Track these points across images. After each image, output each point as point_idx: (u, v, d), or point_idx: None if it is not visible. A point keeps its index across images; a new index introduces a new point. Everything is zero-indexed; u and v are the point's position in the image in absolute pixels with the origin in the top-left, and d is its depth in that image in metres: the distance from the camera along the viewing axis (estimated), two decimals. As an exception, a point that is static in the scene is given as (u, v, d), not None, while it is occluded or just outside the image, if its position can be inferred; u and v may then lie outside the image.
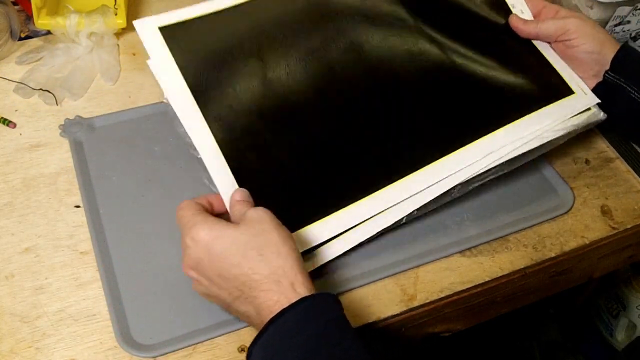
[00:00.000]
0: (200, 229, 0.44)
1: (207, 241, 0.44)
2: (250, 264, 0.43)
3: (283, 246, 0.44)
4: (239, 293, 0.43)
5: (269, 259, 0.43)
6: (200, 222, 0.44)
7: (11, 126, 0.62)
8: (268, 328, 0.41)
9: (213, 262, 0.43)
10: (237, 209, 0.47)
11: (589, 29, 0.59)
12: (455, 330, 0.60)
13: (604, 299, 1.13)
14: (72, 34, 0.68)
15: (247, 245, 0.43)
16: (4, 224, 0.55)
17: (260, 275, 0.42)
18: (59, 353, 0.47)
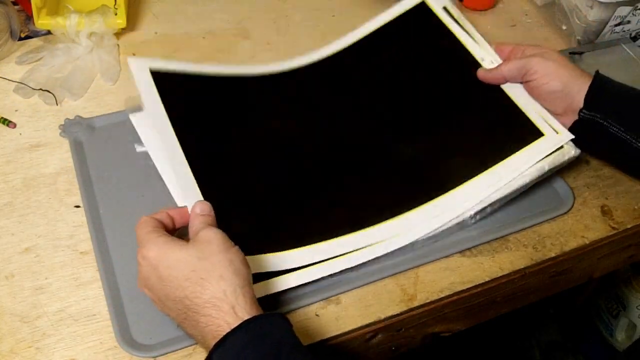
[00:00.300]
0: (149, 249, 0.44)
1: (154, 261, 0.43)
2: (192, 287, 0.42)
3: (227, 269, 0.43)
4: (184, 316, 0.43)
5: (211, 283, 0.42)
6: (151, 240, 0.44)
7: (11, 126, 0.62)
8: (212, 356, 0.40)
9: (160, 283, 0.43)
10: (195, 223, 0.47)
11: (551, 67, 0.58)
12: (455, 330, 0.60)
13: (604, 299, 1.13)
14: (72, 34, 0.68)
15: (191, 267, 0.43)
16: (4, 224, 0.55)
17: (200, 299, 0.42)
18: (59, 353, 0.47)
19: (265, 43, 0.74)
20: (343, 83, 0.66)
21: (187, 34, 0.75)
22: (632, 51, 0.73)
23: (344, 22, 0.78)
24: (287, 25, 0.78)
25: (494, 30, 0.80)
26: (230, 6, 0.79)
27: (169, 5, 0.78)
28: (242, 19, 0.78)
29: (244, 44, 0.74)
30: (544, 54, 0.60)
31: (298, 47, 0.74)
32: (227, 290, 0.42)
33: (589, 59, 0.72)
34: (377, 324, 0.52)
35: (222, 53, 0.72)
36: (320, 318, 0.51)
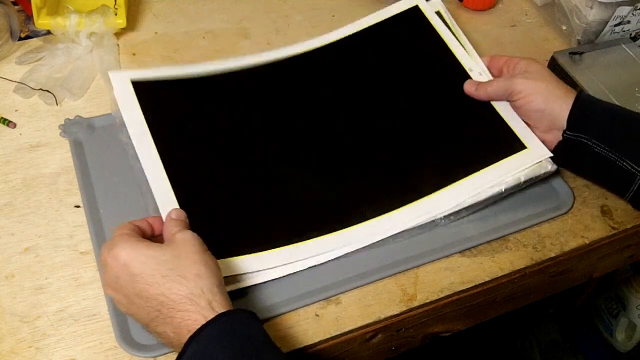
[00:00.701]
0: (121, 248, 0.44)
1: (126, 260, 0.44)
2: (169, 284, 0.42)
3: (204, 267, 0.44)
4: (156, 313, 0.43)
5: (188, 280, 0.43)
6: (122, 241, 0.44)
7: (11, 126, 0.62)
8: (188, 347, 0.40)
9: (132, 280, 0.43)
10: (169, 227, 0.48)
11: (534, 87, 0.59)
12: (455, 330, 0.60)
13: (604, 299, 1.13)
14: (72, 34, 0.68)
15: (167, 265, 0.43)
16: (4, 224, 0.55)
17: (177, 295, 0.42)
18: (59, 353, 0.47)
19: (265, 43, 0.74)
20: (325, 79, 0.66)
21: (187, 34, 0.75)
22: (632, 51, 0.73)
23: (344, 22, 0.78)
24: (287, 25, 0.78)
25: (494, 30, 0.80)
26: (230, 6, 0.79)
27: (169, 5, 0.78)
28: (242, 19, 0.78)
29: (244, 44, 0.74)
30: (529, 73, 0.60)
31: (298, 47, 0.74)
32: (205, 287, 0.43)
33: (589, 59, 0.72)
34: (377, 324, 0.52)
35: (222, 53, 0.72)
36: (320, 318, 0.51)
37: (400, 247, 0.55)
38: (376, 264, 0.54)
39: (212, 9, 0.79)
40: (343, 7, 0.81)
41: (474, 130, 0.62)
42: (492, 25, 0.81)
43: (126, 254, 0.44)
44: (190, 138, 0.59)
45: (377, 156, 0.60)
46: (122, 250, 0.44)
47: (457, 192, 0.57)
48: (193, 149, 0.58)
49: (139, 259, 0.43)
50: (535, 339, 1.15)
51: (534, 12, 0.83)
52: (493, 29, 0.80)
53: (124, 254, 0.44)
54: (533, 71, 0.60)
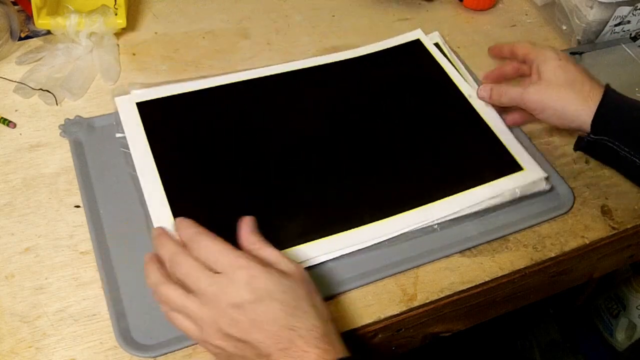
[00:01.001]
0: (253, 269, 0.42)
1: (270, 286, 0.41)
2: (297, 316, 0.41)
3: (322, 305, 0.43)
4: (283, 345, 0.40)
5: (310, 315, 0.42)
6: (252, 262, 0.42)
7: (11, 126, 0.62)
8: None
9: (270, 305, 0.41)
10: (275, 253, 0.46)
11: (545, 103, 0.58)
12: (455, 330, 0.60)
13: (604, 299, 1.13)
14: (72, 34, 0.68)
15: (292, 296, 0.42)
16: (4, 224, 0.55)
17: (305, 330, 0.41)
18: (59, 353, 0.47)
19: (265, 43, 0.75)
20: (329, 95, 0.68)
21: (187, 34, 0.75)
22: (632, 51, 0.73)
23: (344, 22, 0.79)
24: (287, 25, 0.78)
25: (494, 30, 0.80)
26: (230, 6, 0.79)
27: (169, 5, 0.78)
28: (242, 19, 0.78)
29: (244, 44, 0.74)
30: (542, 79, 0.59)
31: (298, 47, 0.74)
32: (323, 326, 0.42)
33: (589, 59, 0.72)
34: (377, 324, 0.52)
35: (222, 53, 0.73)
36: (320, 318, 0.51)
37: (400, 247, 0.55)
38: (376, 264, 0.54)
39: (212, 9, 0.79)
40: (343, 7, 0.81)
41: (472, 152, 0.63)
42: (492, 25, 0.81)
43: (266, 277, 0.42)
44: (192, 154, 0.60)
45: (377, 168, 0.61)
46: (262, 273, 0.42)
47: (454, 202, 0.58)
48: (194, 167, 0.59)
49: (281, 287, 0.42)
50: (535, 339, 1.15)
51: (534, 12, 0.83)
52: (493, 29, 0.80)
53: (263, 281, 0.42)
54: (547, 72, 0.59)
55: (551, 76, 0.58)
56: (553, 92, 0.58)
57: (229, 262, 0.42)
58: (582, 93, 0.57)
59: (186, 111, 0.64)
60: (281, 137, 0.63)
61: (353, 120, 0.65)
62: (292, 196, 0.58)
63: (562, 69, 0.58)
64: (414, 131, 0.65)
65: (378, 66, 0.72)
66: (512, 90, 0.61)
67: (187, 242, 0.45)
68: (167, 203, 0.55)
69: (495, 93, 0.63)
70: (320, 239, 0.54)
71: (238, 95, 0.66)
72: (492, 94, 0.63)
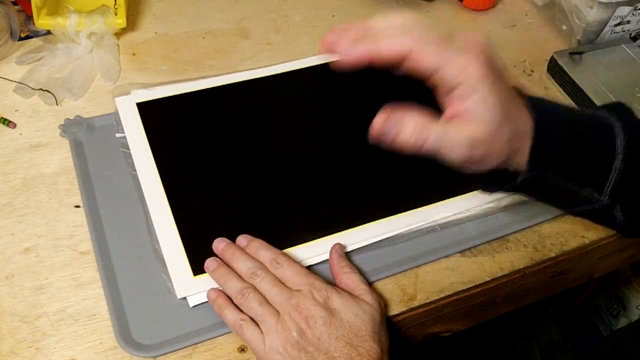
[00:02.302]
0: (335, 294, 0.46)
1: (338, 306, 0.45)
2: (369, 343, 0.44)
3: (386, 338, 0.46)
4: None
5: (381, 341, 0.45)
6: (336, 290, 0.47)
7: (11, 126, 0.62)
8: None
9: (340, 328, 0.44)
10: (355, 277, 0.50)
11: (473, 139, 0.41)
12: (455, 330, 0.60)
13: (604, 299, 1.13)
14: (72, 34, 0.68)
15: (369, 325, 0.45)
16: (4, 224, 0.55)
17: (374, 353, 0.43)
18: (59, 353, 0.47)
19: (265, 43, 0.75)
20: (329, 94, 0.68)
21: (187, 34, 0.75)
22: (632, 51, 0.73)
23: (343, 22, 0.78)
24: (287, 25, 0.78)
25: (494, 30, 0.80)
26: (230, 6, 0.79)
27: (169, 5, 0.78)
28: (242, 19, 0.78)
29: (244, 44, 0.74)
30: (463, 108, 0.41)
31: (298, 47, 0.74)
32: (384, 349, 0.45)
33: (589, 59, 0.72)
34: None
35: (222, 53, 0.73)
36: (320, 318, 0.51)
37: (400, 247, 0.55)
38: (376, 264, 0.54)
39: (212, 9, 0.79)
40: (343, 7, 0.81)
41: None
42: (492, 25, 0.81)
43: (339, 299, 0.46)
44: (192, 154, 0.60)
45: (378, 168, 0.61)
46: (335, 295, 0.46)
47: (454, 205, 0.58)
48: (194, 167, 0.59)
49: (353, 310, 0.45)
50: (535, 339, 1.15)
51: (534, 12, 0.83)
52: (493, 29, 0.80)
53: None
54: (474, 104, 0.40)
55: (473, 87, 0.40)
56: (481, 125, 0.41)
57: (308, 283, 0.46)
58: (508, 117, 0.42)
59: (186, 111, 0.64)
60: (281, 137, 0.63)
61: (354, 120, 0.65)
62: (292, 195, 0.58)
63: (483, 78, 0.40)
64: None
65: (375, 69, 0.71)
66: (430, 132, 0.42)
67: (271, 262, 0.48)
68: (167, 203, 0.55)
69: (397, 138, 0.42)
70: (320, 238, 0.54)
71: (238, 95, 0.66)
72: (390, 138, 0.43)
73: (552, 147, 0.45)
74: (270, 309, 0.45)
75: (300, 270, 0.47)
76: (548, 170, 0.45)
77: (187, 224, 0.54)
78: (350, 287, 0.48)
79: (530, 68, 0.75)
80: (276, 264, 0.48)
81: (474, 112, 0.41)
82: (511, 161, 0.44)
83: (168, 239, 0.53)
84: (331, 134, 0.64)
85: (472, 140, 0.41)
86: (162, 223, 0.54)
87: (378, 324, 0.46)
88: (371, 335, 0.44)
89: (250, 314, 0.46)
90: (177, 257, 0.52)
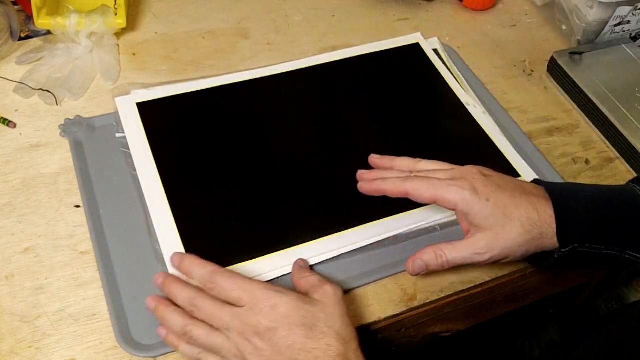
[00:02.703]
0: (280, 298, 0.44)
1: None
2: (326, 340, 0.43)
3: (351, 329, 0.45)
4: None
5: (339, 332, 0.44)
6: (278, 291, 0.45)
7: (11, 126, 0.62)
8: None
9: (290, 333, 0.43)
10: (309, 278, 0.48)
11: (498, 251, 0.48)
12: (455, 330, 0.60)
13: (604, 299, 1.12)
14: (72, 34, 0.68)
15: (324, 321, 0.44)
16: (4, 224, 0.55)
17: (332, 350, 0.42)
18: (59, 353, 0.47)
19: (265, 43, 0.75)
20: (323, 94, 0.68)
21: (187, 34, 0.75)
22: (632, 51, 0.73)
23: (344, 22, 0.79)
24: (287, 25, 0.78)
25: (494, 30, 0.80)
26: (230, 6, 0.79)
27: (169, 5, 0.78)
28: (242, 19, 0.78)
29: (244, 44, 0.74)
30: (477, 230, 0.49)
31: (298, 47, 0.74)
32: (346, 340, 0.44)
33: (589, 59, 0.72)
34: (377, 324, 0.52)
35: (222, 53, 0.73)
36: (320, 318, 0.51)
37: (400, 247, 0.55)
38: (376, 264, 0.54)
39: (212, 9, 0.79)
40: (343, 7, 0.81)
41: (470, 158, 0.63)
42: (492, 25, 0.81)
43: (286, 304, 0.44)
44: (192, 154, 0.60)
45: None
46: (282, 300, 0.44)
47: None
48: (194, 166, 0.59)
49: (300, 311, 0.44)
50: (535, 339, 1.15)
51: (534, 12, 0.83)
52: (493, 29, 0.80)
53: (284, 304, 0.44)
54: (477, 219, 0.48)
55: (482, 222, 0.48)
56: (499, 239, 0.48)
57: (249, 296, 0.44)
58: (528, 213, 0.48)
59: (186, 111, 0.64)
60: (281, 136, 0.63)
61: (352, 121, 0.65)
62: (291, 195, 0.58)
63: (490, 206, 0.48)
64: (413, 134, 0.65)
65: (377, 66, 0.72)
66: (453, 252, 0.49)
67: (205, 284, 0.46)
68: (167, 203, 0.55)
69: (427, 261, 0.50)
70: (321, 238, 0.54)
71: (238, 95, 0.66)
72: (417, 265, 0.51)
73: (577, 222, 0.48)
74: (219, 335, 0.44)
75: (239, 284, 0.45)
76: (582, 242, 0.47)
77: (187, 223, 0.54)
78: (306, 289, 0.47)
79: (530, 68, 0.75)
80: (211, 285, 0.45)
81: (473, 226, 0.49)
82: (542, 247, 0.48)
83: (168, 238, 0.53)
84: (331, 133, 0.64)
85: (478, 249, 0.48)
86: (162, 223, 0.54)
87: (336, 317, 0.44)
88: (325, 332, 0.43)
89: (202, 348, 0.45)
90: None
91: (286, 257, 0.53)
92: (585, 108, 0.69)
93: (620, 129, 0.65)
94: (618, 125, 0.65)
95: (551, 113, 0.70)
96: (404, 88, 0.70)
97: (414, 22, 0.79)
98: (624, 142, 0.65)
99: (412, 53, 0.74)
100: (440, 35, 0.77)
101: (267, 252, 0.53)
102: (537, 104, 0.71)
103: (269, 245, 0.53)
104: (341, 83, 0.69)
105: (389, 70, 0.71)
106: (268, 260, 0.52)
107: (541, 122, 0.69)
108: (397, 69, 0.72)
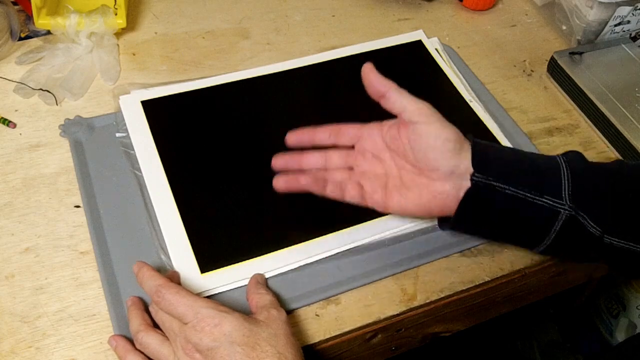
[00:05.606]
0: (224, 318, 0.44)
1: (228, 330, 0.43)
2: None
3: (298, 351, 0.44)
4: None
5: (281, 352, 0.43)
6: (225, 312, 0.44)
7: (11, 126, 0.62)
8: None
9: (232, 352, 0.42)
10: (260, 297, 0.48)
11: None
12: (455, 330, 0.60)
13: (604, 299, 1.13)
14: (72, 34, 0.68)
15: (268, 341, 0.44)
16: (4, 224, 0.55)
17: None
18: (59, 353, 0.47)
19: (265, 43, 0.75)
20: (325, 92, 0.68)
21: (187, 34, 0.75)
22: (632, 51, 0.73)
23: (344, 22, 0.79)
24: (287, 25, 0.78)
25: (494, 30, 0.80)
26: (230, 6, 0.79)
27: (169, 5, 0.78)
28: (242, 19, 0.78)
29: (244, 44, 0.74)
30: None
31: (298, 47, 0.74)
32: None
33: (589, 59, 0.72)
34: (377, 324, 0.52)
35: (222, 53, 0.73)
36: (320, 318, 0.51)
37: (400, 247, 0.55)
38: (376, 264, 0.54)
39: (212, 9, 0.79)
40: (343, 7, 0.81)
41: None
42: (492, 25, 0.81)
43: (229, 323, 0.43)
44: (196, 151, 0.60)
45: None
46: (225, 319, 0.43)
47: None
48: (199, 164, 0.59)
49: (243, 331, 0.43)
50: (535, 339, 1.15)
51: (534, 12, 0.83)
52: (493, 29, 0.80)
53: (228, 323, 0.43)
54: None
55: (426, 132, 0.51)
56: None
57: (193, 313, 0.44)
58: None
59: (190, 109, 0.64)
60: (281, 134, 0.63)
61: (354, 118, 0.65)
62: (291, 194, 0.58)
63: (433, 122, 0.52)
64: None
65: (380, 64, 0.72)
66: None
67: (153, 296, 0.46)
68: (174, 201, 0.55)
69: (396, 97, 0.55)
70: (321, 237, 0.54)
71: (240, 92, 0.66)
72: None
73: (491, 156, 0.49)
74: (167, 347, 0.45)
75: (184, 301, 0.44)
76: (493, 175, 0.48)
77: (194, 221, 0.54)
78: (256, 307, 0.48)
79: (530, 68, 0.75)
80: (157, 299, 0.45)
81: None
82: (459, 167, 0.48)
83: (175, 237, 0.53)
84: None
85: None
86: (168, 221, 0.54)
87: (280, 337, 0.44)
88: (267, 351, 0.43)
89: (150, 358, 0.46)
90: (184, 255, 0.52)
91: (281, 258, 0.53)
92: (585, 108, 0.69)
93: (620, 129, 0.65)
94: (618, 125, 0.65)
95: (551, 113, 0.70)
96: (407, 85, 0.70)
97: (414, 22, 0.79)
98: (624, 142, 0.65)
99: (415, 50, 0.74)
100: (440, 35, 0.77)
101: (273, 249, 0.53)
102: (537, 104, 0.71)
103: (271, 244, 0.54)
104: (343, 81, 0.69)
105: (391, 68, 0.71)
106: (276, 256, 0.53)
107: (541, 122, 0.69)
108: (400, 66, 0.72)
